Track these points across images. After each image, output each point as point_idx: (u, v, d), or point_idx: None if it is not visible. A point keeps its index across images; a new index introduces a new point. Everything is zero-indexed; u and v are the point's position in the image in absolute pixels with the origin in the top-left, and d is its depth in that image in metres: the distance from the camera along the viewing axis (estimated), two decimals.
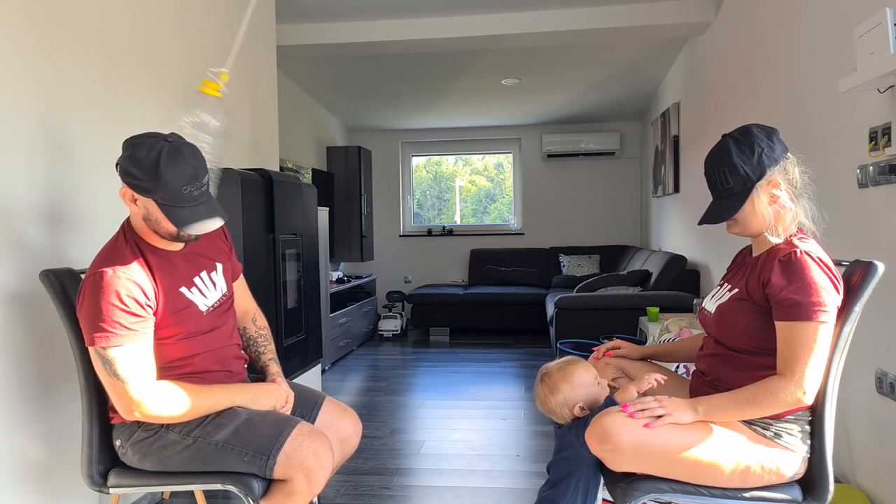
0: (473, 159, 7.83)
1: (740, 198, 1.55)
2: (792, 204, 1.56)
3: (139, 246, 1.63)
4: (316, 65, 5.22)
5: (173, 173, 1.51)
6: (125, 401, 1.52)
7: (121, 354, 1.50)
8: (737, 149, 1.55)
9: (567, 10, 4.29)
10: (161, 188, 1.51)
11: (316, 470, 1.57)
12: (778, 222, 1.56)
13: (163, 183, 1.50)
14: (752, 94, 3.47)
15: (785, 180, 1.56)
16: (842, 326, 1.50)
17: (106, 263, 1.56)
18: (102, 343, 1.49)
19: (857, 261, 1.55)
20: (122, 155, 1.55)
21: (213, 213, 1.60)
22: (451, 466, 2.91)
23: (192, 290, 1.69)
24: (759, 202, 1.55)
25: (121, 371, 1.50)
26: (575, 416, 1.73)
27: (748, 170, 1.53)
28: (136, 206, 1.59)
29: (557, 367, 1.79)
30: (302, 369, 3.45)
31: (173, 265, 1.67)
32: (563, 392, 1.73)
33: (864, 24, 2.00)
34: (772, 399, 1.45)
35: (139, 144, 1.53)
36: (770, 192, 1.55)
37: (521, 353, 5.52)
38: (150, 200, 1.55)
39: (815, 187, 1.63)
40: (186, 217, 1.56)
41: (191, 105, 1.62)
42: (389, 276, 7.43)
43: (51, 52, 2.03)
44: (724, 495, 1.52)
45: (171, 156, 1.52)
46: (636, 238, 7.12)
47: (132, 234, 1.65)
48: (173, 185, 1.51)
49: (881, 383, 2.17)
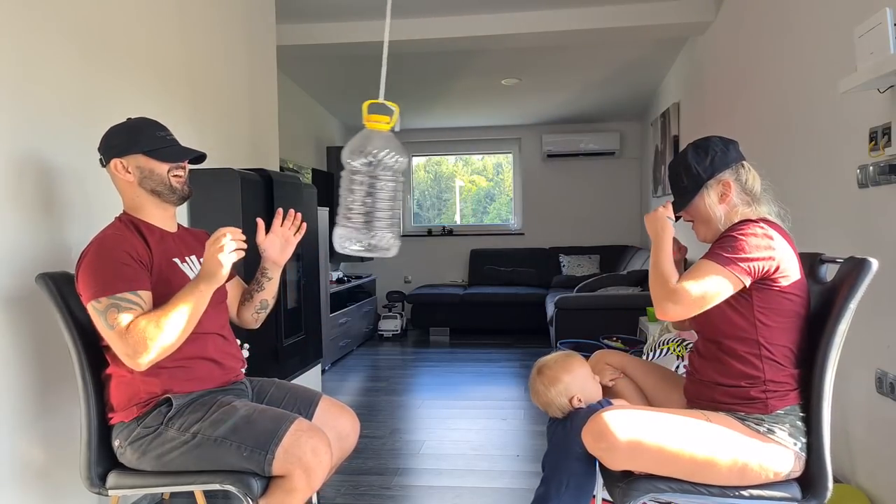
0: (473, 159, 7.83)
1: (691, 194, 1.67)
2: (747, 203, 1.66)
3: (135, 224, 1.74)
4: (316, 65, 5.22)
5: (143, 124, 1.75)
6: (122, 348, 1.53)
7: (114, 302, 1.54)
8: (693, 152, 1.69)
9: (567, 10, 4.29)
10: (139, 136, 1.71)
11: (314, 465, 1.57)
12: (732, 219, 1.65)
13: (138, 131, 1.72)
14: (752, 93, 3.47)
15: (737, 182, 1.66)
16: (837, 323, 1.50)
17: (105, 233, 1.69)
18: (99, 295, 1.54)
19: (852, 257, 1.55)
20: (100, 147, 1.75)
21: (191, 150, 1.79)
22: (451, 466, 2.91)
23: (184, 263, 1.78)
24: (708, 199, 1.66)
25: (113, 317, 1.53)
26: (572, 408, 1.77)
27: (700, 169, 1.66)
28: (129, 173, 1.72)
29: (554, 359, 1.86)
30: (302, 369, 3.45)
31: (166, 241, 1.77)
32: (564, 381, 1.78)
33: (864, 24, 2.00)
34: (660, 283, 1.57)
35: (108, 131, 1.75)
36: (719, 191, 1.66)
37: (521, 353, 5.52)
38: (137, 156, 1.71)
39: (777, 189, 1.71)
40: (173, 153, 1.74)
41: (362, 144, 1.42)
42: (389, 276, 7.43)
43: (53, 55, 2.03)
44: (723, 494, 1.52)
45: (135, 120, 1.77)
46: (636, 238, 7.12)
47: (127, 216, 1.76)
48: (148, 132, 1.73)
49: (881, 383, 2.17)
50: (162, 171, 1.72)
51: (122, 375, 1.67)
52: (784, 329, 1.56)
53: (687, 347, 2.75)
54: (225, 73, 3.26)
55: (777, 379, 1.55)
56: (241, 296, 2.00)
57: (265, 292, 1.97)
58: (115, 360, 1.67)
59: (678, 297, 1.52)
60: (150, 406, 1.66)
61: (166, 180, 1.73)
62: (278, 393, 1.89)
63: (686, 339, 2.81)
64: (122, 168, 1.71)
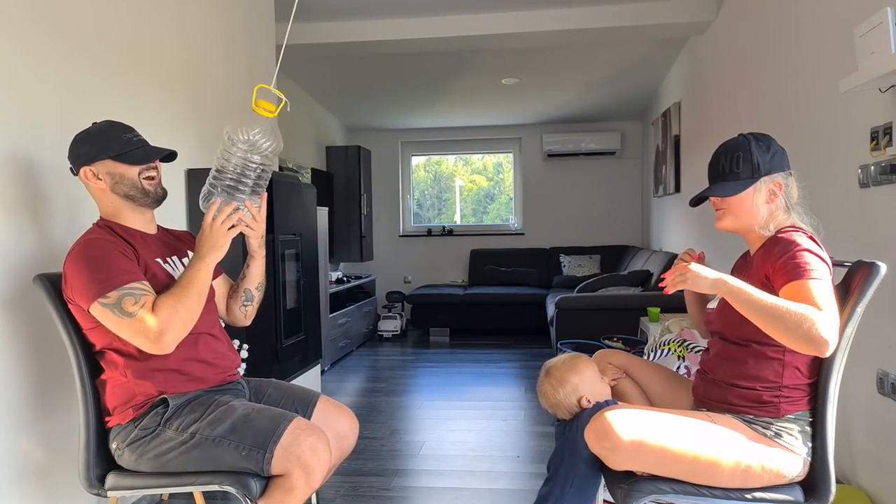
0: (473, 159, 7.83)
1: (744, 183, 1.61)
2: (786, 210, 1.63)
3: (113, 229, 1.72)
4: (316, 65, 5.21)
5: (107, 130, 1.71)
6: (146, 332, 1.53)
7: (123, 293, 1.54)
8: (756, 143, 1.63)
9: (567, 10, 4.28)
10: (106, 142, 1.68)
11: (313, 464, 1.57)
12: (770, 221, 1.62)
13: (104, 137, 1.68)
14: (753, 93, 3.46)
15: (786, 187, 1.63)
16: (844, 327, 1.49)
17: (88, 237, 1.66)
18: (106, 291, 1.53)
19: (860, 261, 1.55)
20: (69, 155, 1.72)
21: (160, 149, 1.75)
22: (450, 467, 2.90)
23: (166, 264, 1.76)
24: (758, 195, 1.61)
25: (126, 306, 1.53)
26: (580, 408, 1.77)
27: (761, 161, 1.61)
28: (100, 180, 1.69)
29: (562, 360, 1.86)
30: (301, 370, 3.44)
31: (148, 243, 1.76)
32: (571, 382, 1.79)
33: (865, 23, 2.00)
34: (798, 321, 1.37)
35: (74, 139, 1.72)
36: (771, 190, 1.62)
37: (522, 353, 5.51)
38: (106, 161, 1.68)
39: (810, 199, 1.70)
40: (142, 155, 1.70)
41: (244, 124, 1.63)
42: (389, 276, 7.43)
43: (61, 63, 2.03)
44: (726, 496, 1.51)
45: (99, 125, 1.73)
46: (637, 238, 7.11)
47: (104, 222, 1.74)
48: (114, 135, 1.69)
49: (882, 384, 2.16)
50: (133, 175, 1.69)
51: (116, 379, 1.66)
52: None
53: (688, 348, 2.75)
54: (225, 72, 3.25)
55: (793, 385, 1.54)
56: (228, 292, 1.99)
57: (248, 280, 1.94)
58: (110, 365, 1.67)
59: (831, 323, 1.39)
60: (146, 408, 1.65)
61: (138, 184, 1.70)
62: (276, 393, 1.88)
63: (687, 340, 2.81)
64: (92, 175, 1.69)
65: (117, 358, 1.65)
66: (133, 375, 1.64)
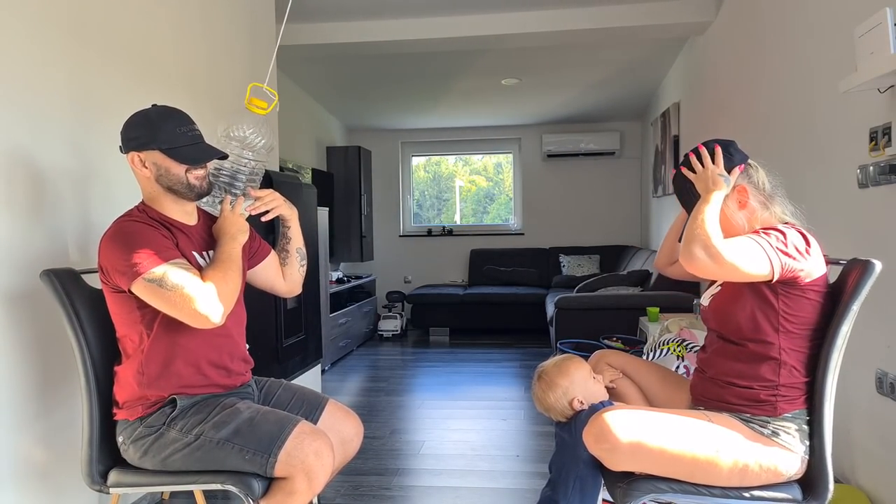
0: (473, 159, 7.83)
1: None
2: (764, 206, 1.62)
3: (151, 216, 1.69)
4: (316, 65, 5.22)
5: (164, 118, 1.67)
6: (190, 304, 1.52)
7: (168, 268, 1.54)
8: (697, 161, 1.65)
9: (567, 10, 4.29)
10: (158, 133, 1.64)
11: (317, 469, 1.57)
12: (754, 223, 1.62)
13: (158, 127, 1.64)
14: (752, 94, 3.47)
15: (751, 185, 1.63)
16: (839, 325, 1.50)
17: (130, 218, 1.65)
18: (151, 267, 1.52)
19: (855, 259, 1.55)
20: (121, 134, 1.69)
21: (213, 150, 1.71)
22: (450, 467, 2.91)
23: (202, 256, 1.74)
24: (727, 209, 1.62)
25: (174, 278, 1.53)
26: (574, 411, 1.77)
27: None
28: (146, 168, 1.67)
29: (553, 363, 1.86)
30: (301, 369, 3.45)
31: (185, 234, 1.73)
32: (561, 386, 1.79)
33: (865, 24, 2.00)
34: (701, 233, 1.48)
35: (130, 119, 1.69)
36: (736, 198, 1.62)
37: (521, 353, 5.52)
38: (155, 152, 1.64)
39: (809, 200, 1.69)
40: (190, 154, 1.67)
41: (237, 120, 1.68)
42: (389, 276, 7.43)
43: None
44: (725, 495, 1.52)
45: (158, 110, 1.69)
46: (636, 238, 7.12)
47: (144, 206, 1.72)
48: (167, 128, 1.65)
49: (881, 383, 2.17)
50: (179, 172, 1.66)
51: (132, 375, 1.65)
52: (806, 337, 1.55)
53: (687, 347, 2.75)
54: (224, 72, 3.25)
55: (790, 384, 1.54)
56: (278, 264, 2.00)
57: (294, 241, 1.99)
58: (129, 356, 1.66)
59: (713, 252, 1.46)
60: (156, 408, 1.66)
61: (183, 179, 1.67)
62: (285, 395, 1.89)
63: (686, 340, 2.81)
64: (139, 162, 1.66)
65: (137, 352, 1.64)
66: (151, 376, 1.64)
